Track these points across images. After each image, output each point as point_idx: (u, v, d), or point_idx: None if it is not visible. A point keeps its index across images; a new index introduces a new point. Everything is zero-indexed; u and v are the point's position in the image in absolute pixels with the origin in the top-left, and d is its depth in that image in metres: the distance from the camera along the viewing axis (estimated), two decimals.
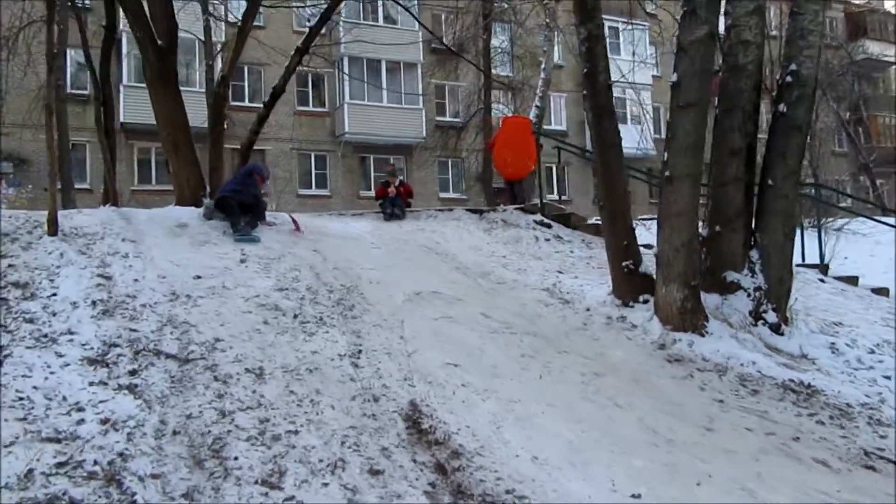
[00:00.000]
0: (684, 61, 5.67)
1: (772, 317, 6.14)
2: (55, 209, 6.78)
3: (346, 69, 25.86)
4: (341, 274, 6.96)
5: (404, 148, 27.16)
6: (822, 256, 10.12)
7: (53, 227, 6.79)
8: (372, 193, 26.58)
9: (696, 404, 4.77)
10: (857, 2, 36.59)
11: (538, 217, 9.55)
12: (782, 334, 6.10)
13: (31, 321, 5.01)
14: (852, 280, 8.85)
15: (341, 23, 25.40)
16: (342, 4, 22.14)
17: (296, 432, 3.91)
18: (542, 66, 19.86)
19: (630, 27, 24.19)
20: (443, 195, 27.76)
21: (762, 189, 6.41)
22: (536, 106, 19.30)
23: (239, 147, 9.43)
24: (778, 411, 4.68)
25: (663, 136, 21.64)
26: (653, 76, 31.73)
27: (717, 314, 6.07)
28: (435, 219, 9.69)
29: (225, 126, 9.21)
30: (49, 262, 6.17)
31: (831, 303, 7.66)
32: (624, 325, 6.12)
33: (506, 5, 21.48)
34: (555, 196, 28.62)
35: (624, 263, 6.42)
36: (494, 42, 23.06)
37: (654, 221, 6.31)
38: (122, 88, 21.41)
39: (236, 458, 3.60)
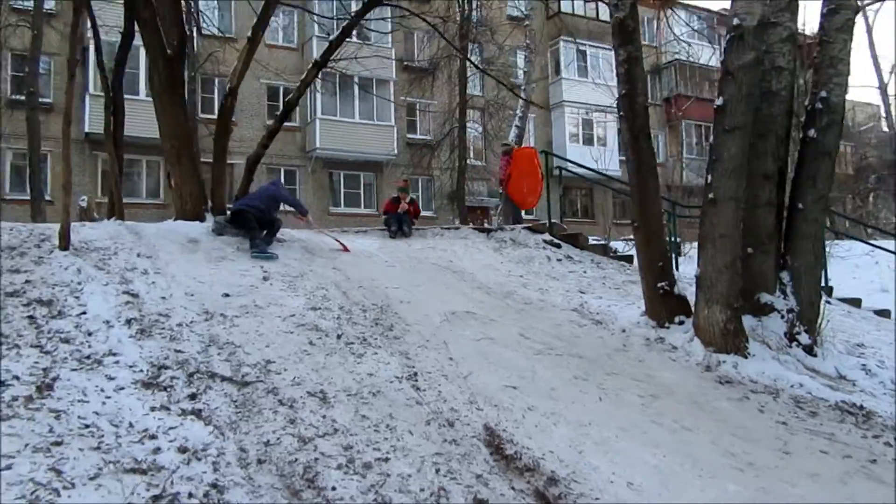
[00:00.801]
0: (731, 86, 5.72)
1: (805, 338, 6.20)
2: (68, 222, 6.46)
3: (317, 84, 25.67)
4: (368, 293, 6.79)
5: (375, 164, 27.02)
6: (826, 279, 10.34)
7: (65, 241, 6.47)
8: (342, 210, 26.59)
9: (762, 427, 4.75)
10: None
11: (547, 237, 9.53)
12: (815, 356, 6.16)
13: (67, 341, 4.73)
14: (856, 302, 9.05)
15: (314, 38, 25.27)
16: (317, 19, 22.04)
17: (385, 459, 3.74)
18: (523, 87, 20.04)
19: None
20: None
21: (791, 212, 6.49)
22: (516, 126, 19.43)
23: (247, 159, 9.13)
24: (843, 433, 4.68)
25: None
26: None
27: (753, 336, 6.09)
28: (442, 237, 9.59)
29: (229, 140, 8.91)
30: (67, 277, 5.86)
31: (845, 324, 7.81)
32: (664, 347, 6.10)
33: (484, 26, 21.66)
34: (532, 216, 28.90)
35: (659, 284, 6.41)
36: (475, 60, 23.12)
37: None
38: (86, 98, 20.82)
39: (334, 489, 3.41)
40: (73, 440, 3.48)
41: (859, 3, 6.43)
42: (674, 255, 9.49)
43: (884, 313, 8.77)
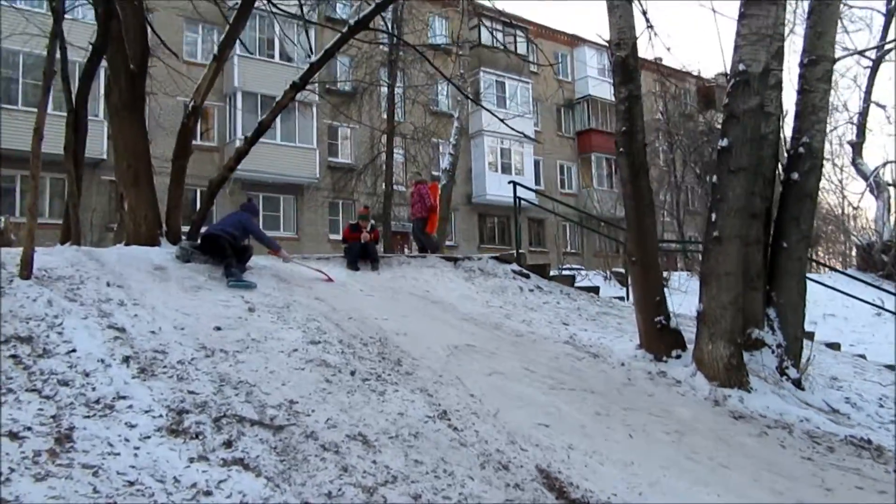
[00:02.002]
0: (736, 128, 5.88)
1: (793, 373, 6.40)
2: (32, 248, 5.85)
3: (238, 104, 24.91)
4: (361, 325, 6.50)
5: (295, 187, 26.42)
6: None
7: (28, 270, 5.85)
8: (281, 234, 25.72)
9: (792, 463, 4.81)
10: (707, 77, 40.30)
11: (515, 267, 9.48)
12: (804, 389, 6.37)
13: (65, 384, 4.23)
14: (809, 335, 9.46)
15: (236, 57, 24.52)
16: (237, 40, 21.41)
17: None
18: (456, 114, 20.13)
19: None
20: (333, 237, 27.14)
21: (776, 251, 6.72)
22: (450, 154, 19.48)
23: (209, 182, 8.64)
24: (867, 469, 4.81)
25: (543, 187, 22.58)
26: (535, 131, 33.07)
27: (749, 370, 6.22)
28: (409, 265, 9.36)
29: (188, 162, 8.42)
30: (40, 310, 5.27)
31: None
32: (668, 381, 6.13)
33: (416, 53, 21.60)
34: (451, 242, 29.01)
35: (656, 319, 6.47)
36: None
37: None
38: None
39: None
40: (126, 501, 3.09)
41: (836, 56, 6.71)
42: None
43: (834, 346, 9.22)
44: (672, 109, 33.45)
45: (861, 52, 7.60)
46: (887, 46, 20.77)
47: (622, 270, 13.39)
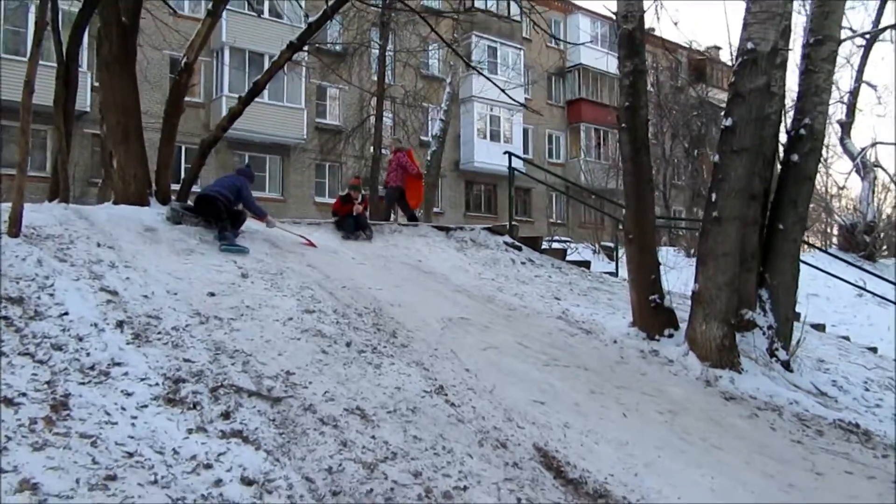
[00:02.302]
0: (741, 108, 5.82)
1: (783, 354, 6.46)
2: (21, 206, 5.71)
3: (226, 60, 24.43)
4: (355, 294, 6.45)
5: (282, 148, 26.08)
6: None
7: (16, 227, 5.72)
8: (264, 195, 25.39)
9: (782, 446, 4.87)
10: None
11: (507, 239, 9.44)
12: (792, 371, 6.43)
13: (59, 348, 4.15)
14: (797, 317, 9.54)
15: (225, 11, 23.93)
16: None
17: (463, 488, 3.51)
18: (448, 80, 19.87)
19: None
20: (318, 199, 26.97)
21: (771, 232, 6.73)
22: (441, 120, 19.27)
23: (199, 143, 8.48)
24: (856, 453, 4.88)
25: (531, 155, 22.42)
26: (525, 98, 32.78)
27: (740, 351, 6.27)
28: (400, 234, 9.28)
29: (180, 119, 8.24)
30: (30, 270, 5.16)
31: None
32: (660, 360, 6.16)
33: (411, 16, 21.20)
34: (437, 209, 28.84)
35: (651, 297, 6.47)
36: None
37: None
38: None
39: None
40: (126, 473, 3.04)
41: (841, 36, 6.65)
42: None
43: (819, 327, 9.32)
44: (663, 82, 33.35)
45: (868, 34, 7.48)
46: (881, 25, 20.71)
47: (610, 244, 13.41)
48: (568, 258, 10.12)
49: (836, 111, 24.47)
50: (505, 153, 11.34)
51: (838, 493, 4.23)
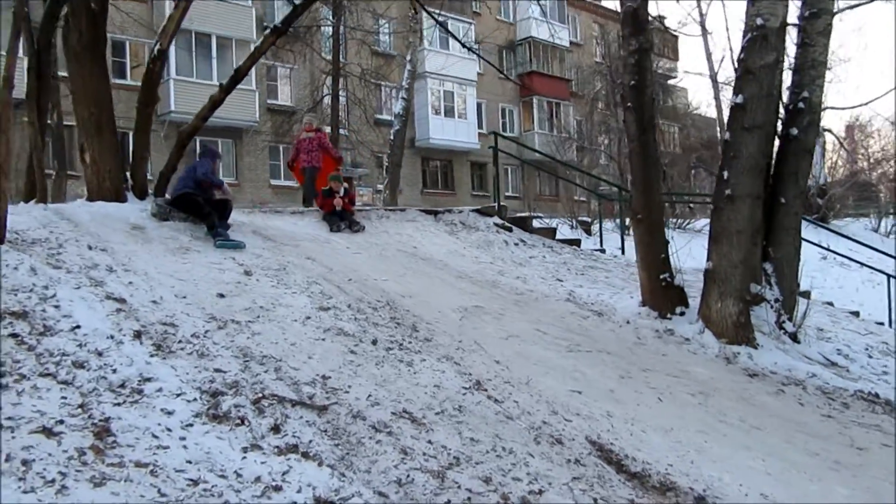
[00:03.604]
0: (752, 85, 5.78)
1: (790, 327, 6.52)
2: (5, 211, 5.32)
3: (172, 42, 23.48)
4: (362, 287, 6.25)
5: (234, 131, 25.34)
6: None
7: (1, 234, 5.33)
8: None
9: (815, 422, 4.91)
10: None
11: (497, 220, 9.31)
12: (800, 342, 6.50)
13: (81, 366, 3.86)
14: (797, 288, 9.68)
15: None
16: None
17: (539, 492, 3.39)
18: (408, 57, 19.50)
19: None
20: (274, 182, 26.40)
21: (773, 206, 6.75)
22: (402, 98, 18.92)
23: (178, 133, 8.07)
24: (887, 425, 4.95)
25: (486, 130, 22.29)
26: (477, 73, 32.56)
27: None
28: (388, 219, 9.07)
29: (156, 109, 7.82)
30: (26, 280, 4.81)
31: None
32: (676, 339, 6.15)
33: None
34: (383, 186, 28.41)
35: (662, 276, 6.45)
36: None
37: None
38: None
39: None
40: (196, 502, 2.83)
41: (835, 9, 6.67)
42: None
43: (804, 294, 9.46)
44: (615, 52, 33.50)
45: (858, 5, 7.50)
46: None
47: (587, 219, 13.43)
48: (559, 237, 10.05)
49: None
50: (490, 133, 11.15)
51: (884, 468, 4.27)
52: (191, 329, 4.64)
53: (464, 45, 9.78)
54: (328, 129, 22.49)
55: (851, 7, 6.36)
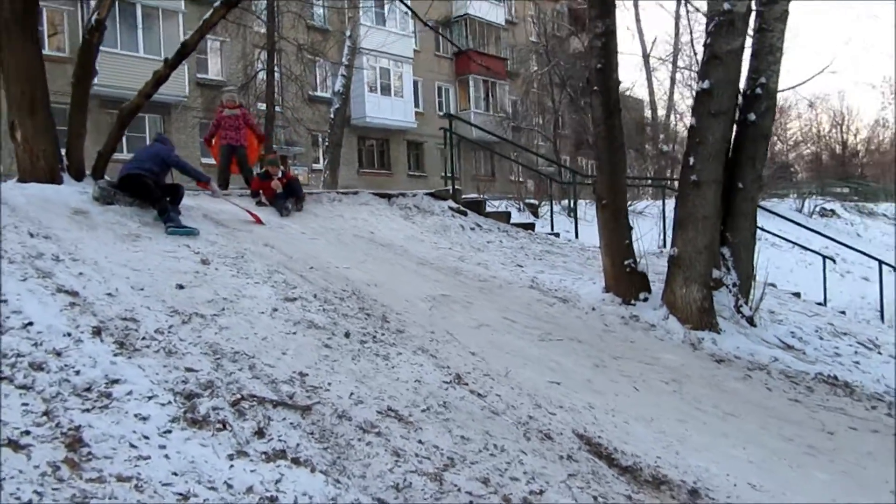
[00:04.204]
0: (718, 70, 5.81)
1: (746, 310, 6.67)
2: None
3: (92, 7, 22.23)
4: (325, 275, 6.04)
5: (161, 106, 24.27)
6: (665, 244, 11.14)
7: None
8: (125, 156, 23.48)
9: (784, 406, 5.01)
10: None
11: (452, 204, 9.17)
12: (756, 326, 6.66)
13: (40, 368, 3.56)
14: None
15: None
16: None
17: (540, 492, 3.32)
18: (348, 32, 18.99)
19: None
20: (205, 161, 25.42)
21: (730, 191, 6.84)
22: (342, 75, 18.46)
23: (119, 110, 7.61)
24: (850, 408, 5.11)
25: (422, 109, 22.04)
26: (414, 50, 32.18)
27: None
28: (341, 203, 8.81)
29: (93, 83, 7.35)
30: None
31: None
32: (642, 325, 6.19)
33: None
34: (319, 165, 27.87)
35: (626, 262, 6.47)
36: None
37: None
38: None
39: None
40: None
41: None
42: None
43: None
44: (544, 31, 33.62)
45: None
46: None
47: (534, 202, 13.45)
48: (513, 221, 10.00)
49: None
50: (443, 115, 10.97)
51: (855, 450, 4.40)
52: (153, 324, 4.35)
53: (426, 25, 9.35)
54: (263, 107, 21.87)
55: None
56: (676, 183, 6.98)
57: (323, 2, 26.34)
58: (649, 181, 20.83)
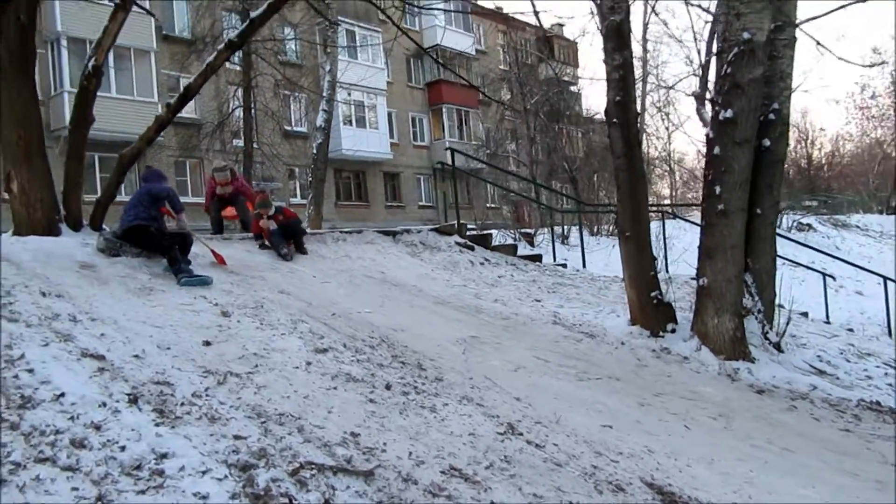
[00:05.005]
0: (741, 99, 5.77)
1: (773, 336, 6.59)
2: None
3: (63, 51, 21.89)
4: (348, 322, 5.83)
5: None
6: (666, 268, 11.09)
7: None
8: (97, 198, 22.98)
9: (838, 438, 4.90)
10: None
11: (458, 238, 9.02)
12: (783, 352, 6.58)
13: (82, 445, 3.29)
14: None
15: None
16: None
17: None
18: (328, 67, 18.88)
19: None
20: (182, 200, 24.95)
21: (751, 217, 6.79)
22: (324, 110, 18.30)
23: (119, 156, 7.37)
24: None
25: (397, 139, 21.99)
26: (387, 82, 32.23)
27: None
28: (345, 242, 8.61)
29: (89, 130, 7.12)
30: None
31: None
32: (675, 358, 6.07)
33: None
34: (296, 199, 27.63)
35: (653, 294, 6.36)
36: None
37: None
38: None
39: None
40: None
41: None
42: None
43: None
44: (517, 60, 33.95)
45: (818, 17, 7.56)
46: None
47: (530, 231, 13.36)
48: (520, 254, 9.87)
49: (692, 84, 26.19)
50: (446, 149, 10.85)
51: None
52: (189, 387, 4.10)
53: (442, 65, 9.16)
54: (238, 143, 21.59)
55: (814, 18, 6.44)
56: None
57: (296, 37, 26.26)
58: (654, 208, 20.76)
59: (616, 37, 6.14)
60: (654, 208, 19.38)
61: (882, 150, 43.98)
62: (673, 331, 6.36)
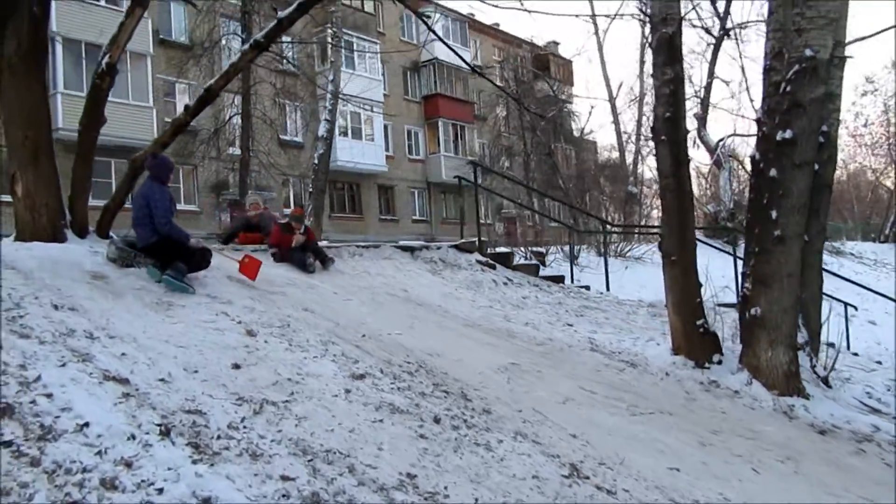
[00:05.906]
0: (802, 119, 5.46)
1: (821, 370, 6.26)
2: None
3: (58, 53, 21.38)
4: (379, 344, 5.44)
5: (129, 151, 22.89)
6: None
7: None
8: (91, 203, 22.39)
9: None
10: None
11: (479, 257, 8.65)
12: (831, 387, 6.25)
13: (113, 486, 2.88)
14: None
15: None
16: None
17: None
18: (331, 77, 18.53)
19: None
20: (178, 207, 24.51)
21: None
22: (326, 120, 17.94)
23: (131, 160, 6.96)
24: None
25: (392, 152, 21.66)
26: (383, 94, 31.93)
27: None
28: (362, 257, 8.22)
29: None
30: None
31: None
32: (725, 392, 5.71)
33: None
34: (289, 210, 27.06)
35: (699, 323, 6.01)
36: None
37: None
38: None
39: None
40: None
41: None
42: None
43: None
44: (513, 77, 33.86)
45: (867, 38, 7.37)
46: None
47: (541, 250, 13.03)
48: (542, 274, 9.51)
49: (693, 106, 26.12)
50: (468, 163, 10.51)
51: None
52: (223, 417, 3.69)
53: (473, 70, 8.77)
54: (234, 151, 21.18)
55: (861, 39, 6.19)
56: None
57: (293, 47, 25.87)
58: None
59: (668, 50, 5.83)
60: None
61: (877, 178, 44.22)
62: (719, 362, 6.01)
